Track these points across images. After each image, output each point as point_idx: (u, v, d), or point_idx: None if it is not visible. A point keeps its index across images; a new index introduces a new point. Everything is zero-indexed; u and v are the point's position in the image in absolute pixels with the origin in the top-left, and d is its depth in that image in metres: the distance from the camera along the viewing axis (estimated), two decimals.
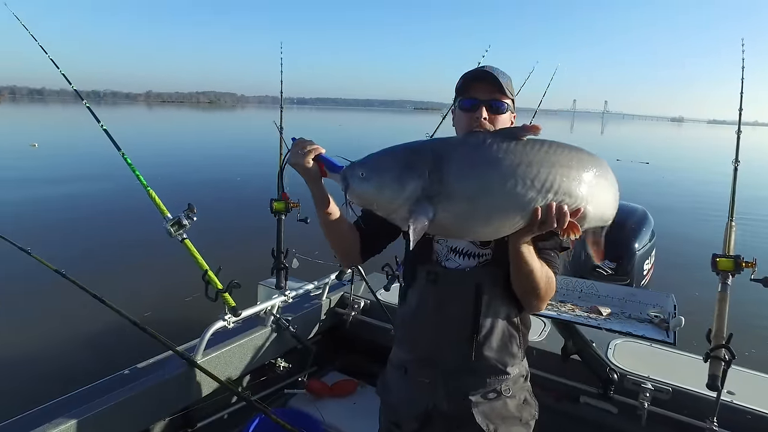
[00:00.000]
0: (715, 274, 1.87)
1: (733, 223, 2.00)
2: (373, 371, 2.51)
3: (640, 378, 1.88)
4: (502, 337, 1.19)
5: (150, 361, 1.85)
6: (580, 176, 0.97)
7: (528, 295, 1.12)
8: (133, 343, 3.65)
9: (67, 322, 4.48)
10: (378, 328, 2.43)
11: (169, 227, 1.91)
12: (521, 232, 0.97)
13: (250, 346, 2.07)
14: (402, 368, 1.27)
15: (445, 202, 0.92)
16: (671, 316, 1.86)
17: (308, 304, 2.44)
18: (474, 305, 1.16)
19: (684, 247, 6.79)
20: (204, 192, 10.81)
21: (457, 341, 1.17)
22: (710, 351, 1.65)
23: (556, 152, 0.95)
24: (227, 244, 6.66)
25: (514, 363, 1.22)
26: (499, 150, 0.93)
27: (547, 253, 1.15)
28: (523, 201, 0.92)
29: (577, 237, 0.96)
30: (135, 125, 37.52)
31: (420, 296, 1.22)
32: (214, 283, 1.89)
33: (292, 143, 1.13)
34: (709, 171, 16.64)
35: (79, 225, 7.99)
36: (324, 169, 1.11)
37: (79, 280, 1.98)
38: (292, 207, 2.38)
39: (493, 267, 1.16)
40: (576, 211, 0.95)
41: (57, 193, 10.27)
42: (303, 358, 2.33)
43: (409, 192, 0.93)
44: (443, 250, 1.21)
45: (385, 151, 1.01)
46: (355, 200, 1.00)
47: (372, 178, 0.96)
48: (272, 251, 2.27)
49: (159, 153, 17.91)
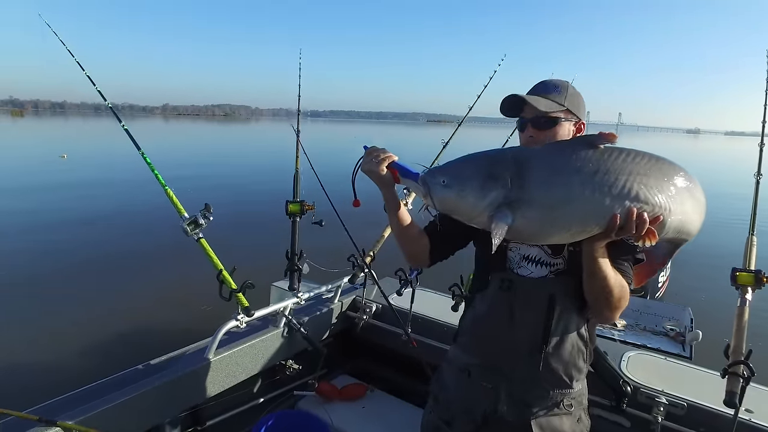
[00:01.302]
0: (735, 288, 1.85)
1: (755, 237, 1.97)
2: (383, 376, 2.50)
3: (655, 392, 1.85)
4: (570, 349, 1.18)
5: (163, 358, 1.86)
6: (659, 184, 0.97)
7: (600, 304, 1.10)
8: (146, 340, 3.76)
9: (83, 317, 4.62)
10: (389, 332, 2.42)
11: (186, 226, 1.94)
12: (598, 237, 0.98)
13: (262, 346, 2.07)
14: (465, 371, 1.27)
15: (526, 208, 0.95)
16: (688, 330, 1.84)
17: (321, 306, 2.45)
18: (546, 315, 1.15)
19: (702, 259, 6.68)
20: (221, 195, 11.21)
21: (526, 350, 1.17)
22: (728, 367, 1.62)
23: (634, 160, 0.97)
24: (243, 245, 6.80)
25: (579, 378, 1.21)
26: (578, 158, 0.95)
27: (620, 263, 1.13)
28: (602, 207, 0.94)
29: (653, 244, 0.96)
30: (152, 135, 38.37)
31: (491, 303, 1.22)
32: (228, 282, 1.91)
33: (365, 151, 1.16)
34: (727, 183, 16.41)
35: (115, 221, 8.49)
36: (397, 176, 1.14)
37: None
38: (307, 209, 2.40)
39: (567, 277, 1.16)
40: (656, 219, 0.95)
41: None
42: (314, 361, 2.33)
43: (490, 199, 0.96)
44: (516, 257, 1.21)
45: (465, 158, 1.04)
46: (437, 206, 1.02)
47: (454, 186, 0.98)
48: (286, 253, 2.28)
49: (176, 160, 18.40)
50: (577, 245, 1.09)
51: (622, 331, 1.90)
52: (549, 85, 1.18)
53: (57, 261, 6.30)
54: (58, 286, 5.42)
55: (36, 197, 10.85)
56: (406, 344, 2.19)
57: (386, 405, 2.30)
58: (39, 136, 36.88)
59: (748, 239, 1.95)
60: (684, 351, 1.73)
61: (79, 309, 4.81)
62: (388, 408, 2.28)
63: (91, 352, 3.90)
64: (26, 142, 30.61)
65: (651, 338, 1.85)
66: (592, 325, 1.24)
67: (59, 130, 48.42)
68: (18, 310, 4.75)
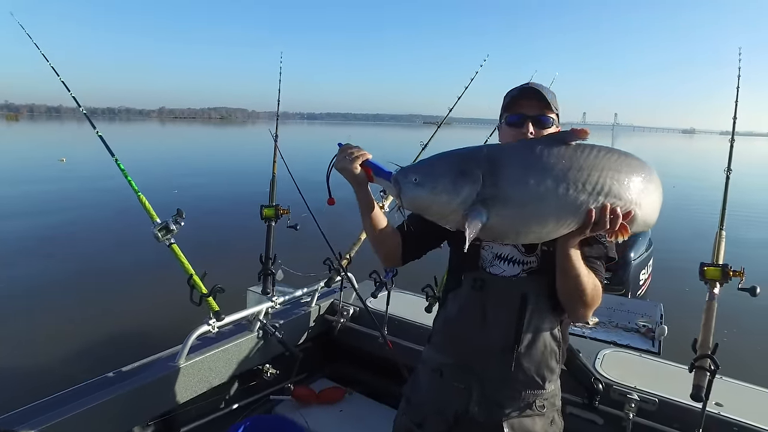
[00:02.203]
0: (704, 283, 1.85)
1: (723, 231, 1.97)
2: (361, 378, 2.50)
3: (627, 389, 1.85)
4: (543, 349, 1.17)
5: (133, 365, 1.85)
6: (629, 179, 0.97)
7: (574, 302, 1.11)
8: (116, 348, 3.70)
9: (52, 324, 4.56)
10: (366, 335, 2.41)
11: (157, 232, 1.94)
12: (573, 234, 0.99)
13: (236, 351, 2.07)
14: (438, 371, 1.26)
15: (500, 206, 0.94)
16: (657, 326, 1.84)
17: (297, 310, 2.44)
18: (518, 314, 1.15)
19: (683, 257, 6.73)
20: (198, 199, 11.12)
21: (498, 350, 1.17)
22: (695, 361, 1.62)
23: (606, 156, 0.97)
24: (221, 250, 6.79)
25: (552, 379, 1.21)
26: (551, 155, 0.95)
27: (593, 261, 1.13)
28: (575, 203, 0.94)
29: (625, 239, 0.97)
30: (136, 139, 38.22)
31: (463, 302, 1.22)
32: (199, 287, 1.91)
33: (339, 148, 1.15)
34: (713, 180, 16.49)
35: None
36: (371, 175, 1.12)
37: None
38: (283, 213, 2.40)
39: (539, 276, 1.16)
40: (627, 213, 0.96)
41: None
42: (291, 365, 2.32)
43: (463, 197, 0.95)
44: (489, 256, 1.21)
45: (438, 156, 1.02)
46: (408, 205, 1.01)
47: (426, 184, 0.97)
48: (260, 257, 2.28)
49: (155, 162, 18.31)
50: (551, 244, 1.09)
51: (594, 328, 1.91)
52: (543, 87, 1.19)
53: (24, 268, 6.23)
54: (24, 293, 5.34)
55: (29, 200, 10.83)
56: (382, 346, 2.19)
57: (364, 408, 2.29)
58: (34, 140, 36.66)
59: (717, 234, 1.96)
60: (653, 346, 1.73)
61: (46, 317, 4.72)
62: (365, 411, 2.27)
63: (58, 361, 3.82)
64: (22, 146, 30.41)
65: (622, 335, 1.85)
66: (565, 326, 1.24)
67: (55, 134, 48.10)
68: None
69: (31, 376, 3.52)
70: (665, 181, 1.11)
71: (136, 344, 3.40)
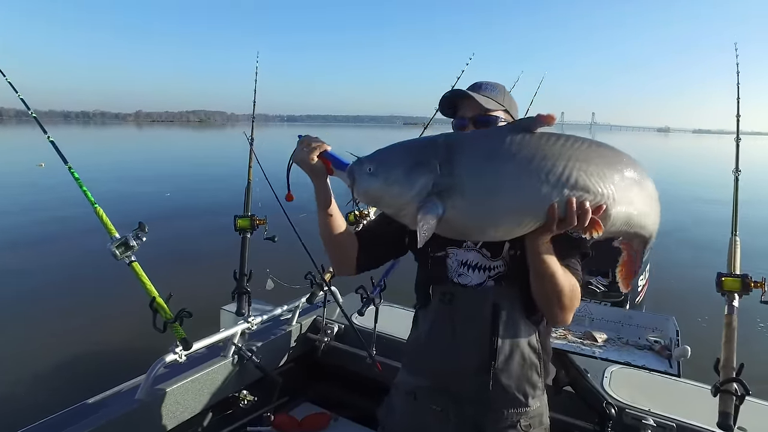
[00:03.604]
0: (721, 294, 1.71)
1: (737, 238, 1.83)
2: (347, 402, 2.30)
3: (641, 412, 1.70)
4: (522, 363, 1.10)
5: (89, 401, 1.62)
6: (601, 171, 0.88)
7: (551, 304, 1.03)
8: (72, 379, 3.19)
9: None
10: (353, 355, 2.22)
11: (114, 249, 1.70)
12: (539, 231, 0.90)
13: (207, 380, 1.85)
14: (411, 394, 1.19)
15: (456, 197, 0.87)
16: (673, 342, 1.69)
17: (277, 330, 2.23)
18: (491, 328, 1.08)
19: (682, 262, 6.67)
20: (170, 209, 10.29)
21: (473, 369, 1.09)
22: (720, 385, 1.47)
23: (573, 145, 0.88)
24: (193, 265, 6.35)
25: (535, 394, 1.13)
26: (513, 143, 0.87)
27: (567, 259, 1.06)
28: (538, 196, 0.85)
29: (600, 235, 0.88)
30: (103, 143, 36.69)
31: (433, 320, 1.15)
32: (163, 311, 1.68)
33: (298, 141, 1.10)
34: (697, 180, 16.72)
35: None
36: (330, 167, 1.07)
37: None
38: (259, 224, 2.18)
39: (509, 283, 1.09)
40: (598, 208, 0.87)
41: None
42: (270, 390, 2.11)
43: (418, 187, 0.88)
44: (454, 264, 1.14)
45: (394, 145, 0.96)
46: (362, 197, 0.96)
47: (380, 173, 0.91)
48: (234, 273, 2.06)
49: (124, 170, 17.62)
50: (519, 246, 1.04)
51: (603, 346, 1.75)
52: (486, 85, 1.15)
53: None
54: None
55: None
56: (371, 367, 2.01)
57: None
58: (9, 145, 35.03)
59: (731, 241, 1.82)
60: (671, 367, 1.58)
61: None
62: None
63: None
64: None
65: (635, 353, 1.70)
66: (544, 335, 1.16)
67: (24, 139, 46.18)
68: None
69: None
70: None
71: (95, 376, 3.01)
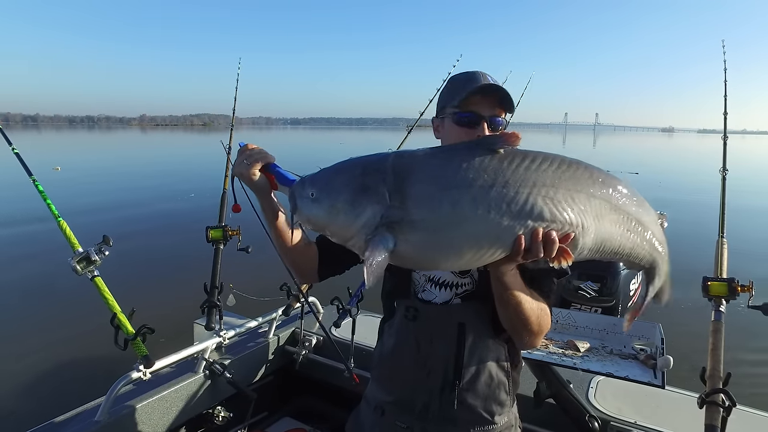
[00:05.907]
0: (707, 299, 1.63)
1: (725, 240, 1.75)
2: (327, 415, 2.23)
3: (627, 425, 1.62)
4: (488, 382, 1.06)
5: (44, 424, 1.55)
6: (569, 197, 0.78)
7: (518, 332, 0.98)
8: (29, 400, 2.88)
9: None
10: (331, 367, 2.15)
11: (75, 264, 1.64)
12: (502, 261, 0.81)
13: (176, 397, 1.78)
14: (379, 409, 1.15)
15: (408, 230, 0.77)
16: (658, 351, 1.61)
17: (253, 343, 2.16)
18: (457, 347, 1.04)
19: (676, 264, 6.48)
20: (144, 220, 9.76)
21: (438, 387, 1.06)
22: (705, 396, 1.40)
23: (540, 168, 0.78)
24: (166, 278, 6.13)
25: (502, 412, 1.09)
26: (471, 168, 0.77)
27: (540, 280, 1.00)
28: (499, 229, 0.76)
29: (569, 264, 0.79)
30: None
31: (398, 334, 1.11)
32: (125, 328, 1.62)
33: (238, 150, 0.99)
34: (698, 180, 16.52)
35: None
36: (274, 181, 0.98)
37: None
38: (232, 235, 2.12)
39: (477, 301, 1.05)
40: (566, 237, 0.78)
41: None
42: (247, 406, 2.04)
43: (365, 218, 0.78)
44: (420, 279, 1.10)
45: (340, 166, 0.85)
46: (305, 224, 0.86)
47: (323, 201, 0.81)
48: (204, 286, 1.99)
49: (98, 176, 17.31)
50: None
51: (586, 356, 1.67)
52: (503, 87, 1.03)
53: None
54: None
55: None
56: (349, 380, 1.93)
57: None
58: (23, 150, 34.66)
59: (717, 243, 1.74)
60: (655, 378, 1.50)
61: None
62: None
63: None
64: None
65: (619, 363, 1.62)
66: (514, 353, 1.11)
67: (39, 143, 45.75)
68: None
69: None
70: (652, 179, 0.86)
71: (56, 396, 2.78)
